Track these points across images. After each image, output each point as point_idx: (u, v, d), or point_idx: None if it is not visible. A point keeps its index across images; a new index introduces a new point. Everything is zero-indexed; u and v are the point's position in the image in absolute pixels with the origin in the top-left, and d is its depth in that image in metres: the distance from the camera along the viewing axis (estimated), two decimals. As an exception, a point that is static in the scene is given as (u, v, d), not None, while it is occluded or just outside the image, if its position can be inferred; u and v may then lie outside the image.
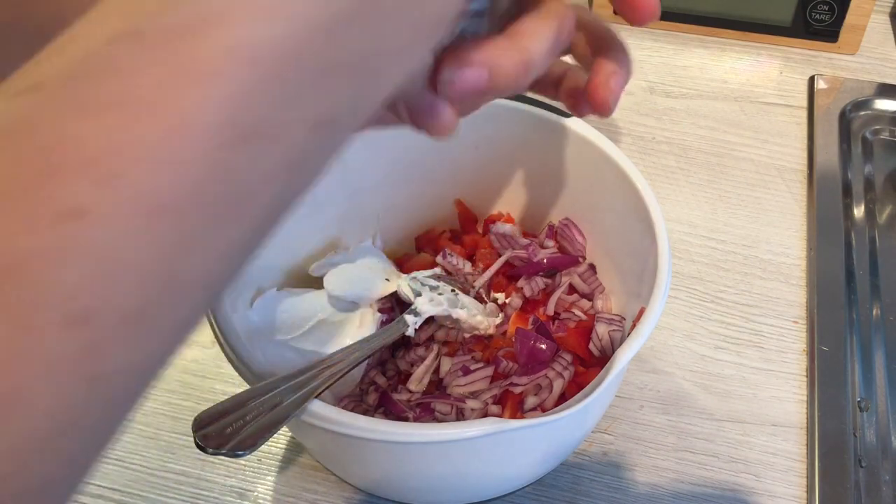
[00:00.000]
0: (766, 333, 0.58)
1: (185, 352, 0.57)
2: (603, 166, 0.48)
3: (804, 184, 0.68)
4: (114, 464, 0.52)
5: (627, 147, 0.71)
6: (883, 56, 0.80)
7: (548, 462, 0.47)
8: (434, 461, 0.41)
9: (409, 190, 0.56)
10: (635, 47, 0.79)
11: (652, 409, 0.54)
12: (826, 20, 0.77)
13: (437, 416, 0.46)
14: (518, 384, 0.46)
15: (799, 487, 0.50)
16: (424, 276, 0.52)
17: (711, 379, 0.55)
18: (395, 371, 0.51)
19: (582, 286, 0.53)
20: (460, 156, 0.55)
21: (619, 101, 0.31)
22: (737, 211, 0.66)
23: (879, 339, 0.58)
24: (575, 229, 0.54)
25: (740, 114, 0.74)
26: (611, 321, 0.48)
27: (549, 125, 0.50)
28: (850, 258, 0.62)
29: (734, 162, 0.70)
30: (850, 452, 0.51)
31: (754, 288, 0.61)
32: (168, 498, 0.50)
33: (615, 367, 0.38)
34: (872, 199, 0.67)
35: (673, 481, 0.51)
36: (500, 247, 0.55)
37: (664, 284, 0.41)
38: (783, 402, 0.54)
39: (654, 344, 0.57)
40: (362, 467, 0.46)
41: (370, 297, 0.51)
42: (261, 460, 0.52)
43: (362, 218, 0.56)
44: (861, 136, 0.72)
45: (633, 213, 0.46)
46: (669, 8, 0.80)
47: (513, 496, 0.50)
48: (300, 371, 0.39)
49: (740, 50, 0.80)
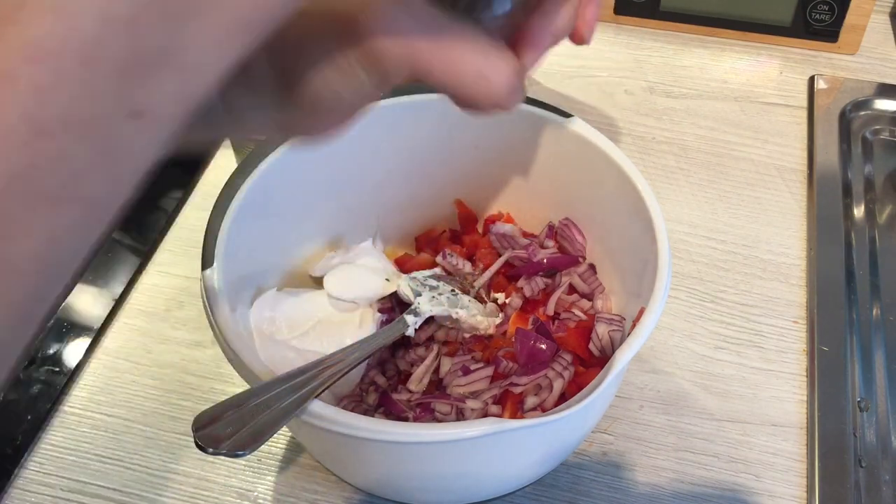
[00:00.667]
0: (766, 333, 0.58)
1: (185, 352, 0.57)
2: (603, 166, 0.48)
3: (804, 184, 0.68)
4: (114, 464, 0.52)
5: (627, 147, 0.71)
6: (883, 56, 0.80)
7: (548, 462, 0.47)
8: (434, 461, 0.41)
9: (409, 190, 0.56)
10: (635, 47, 0.80)
11: (652, 409, 0.54)
12: (826, 20, 0.77)
13: (437, 416, 0.46)
14: (518, 384, 0.46)
15: (799, 487, 0.50)
16: (424, 276, 0.52)
17: (711, 379, 0.55)
18: (395, 371, 0.51)
19: (582, 286, 0.53)
20: (460, 156, 0.55)
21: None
22: (737, 211, 0.66)
23: (879, 339, 0.58)
24: (575, 229, 0.54)
25: (740, 114, 0.74)
26: (611, 321, 0.48)
27: (549, 125, 0.50)
28: (850, 258, 0.62)
29: (734, 162, 0.70)
30: (850, 452, 0.51)
31: (754, 288, 0.61)
32: (168, 498, 0.50)
33: (615, 367, 0.38)
34: (872, 199, 0.67)
35: (673, 481, 0.51)
36: (500, 247, 0.55)
37: (664, 284, 0.41)
38: (783, 402, 0.54)
39: (654, 344, 0.57)
40: (362, 467, 0.46)
41: (370, 298, 0.51)
42: (261, 460, 0.52)
43: (362, 218, 0.56)
44: (861, 136, 0.72)
45: (633, 213, 0.46)
46: (669, 8, 0.80)
47: (513, 496, 0.50)
48: (300, 371, 0.39)
49: (740, 50, 0.80)
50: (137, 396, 0.55)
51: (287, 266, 0.52)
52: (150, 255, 0.63)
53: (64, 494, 0.50)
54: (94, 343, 0.58)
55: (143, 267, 0.63)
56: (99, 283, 0.61)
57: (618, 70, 0.78)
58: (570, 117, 0.50)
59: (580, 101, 0.75)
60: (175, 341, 0.58)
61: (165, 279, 0.62)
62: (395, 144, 0.53)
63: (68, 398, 0.55)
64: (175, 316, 0.60)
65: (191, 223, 0.66)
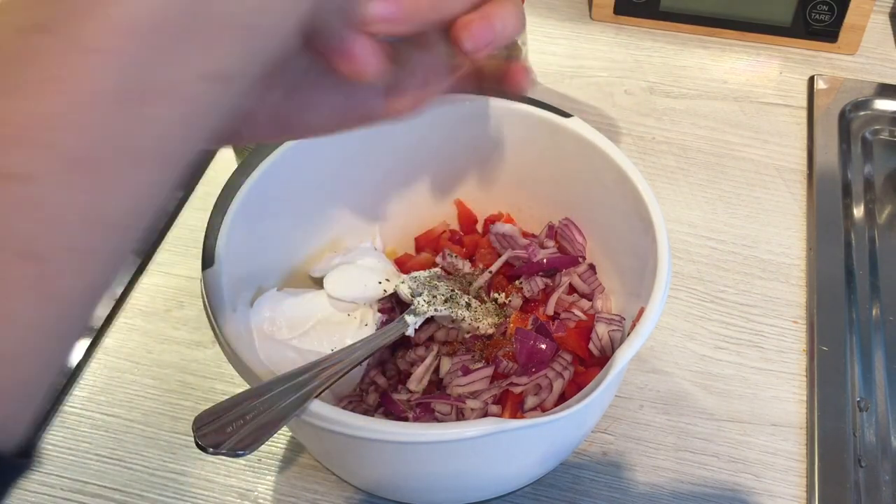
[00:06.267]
0: (766, 333, 0.58)
1: (185, 352, 0.57)
2: (603, 166, 0.48)
3: (804, 184, 0.68)
4: (114, 464, 0.52)
5: (627, 147, 0.71)
6: (883, 56, 0.80)
7: (548, 462, 0.47)
8: (434, 461, 0.42)
9: (409, 190, 0.56)
10: (635, 47, 0.80)
11: (652, 409, 0.54)
12: (826, 20, 0.77)
13: (437, 416, 0.46)
14: (518, 384, 0.46)
15: (799, 487, 0.50)
16: (424, 277, 0.52)
17: (711, 379, 0.55)
18: (395, 371, 0.51)
19: (582, 286, 0.53)
20: (460, 156, 0.55)
21: (480, 49, 0.29)
22: (737, 211, 0.66)
23: (879, 339, 0.58)
24: (575, 229, 0.54)
25: (740, 114, 0.74)
26: (611, 321, 0.48)
27: (549, 125, 0.50)
28: (849, 258, 0.62)
29: (734, 162, 0.70)
30: (850, 452, 0.51)
31: (754, 288, 0.61)
32: (168, 498, 0.50)
33: (615, 367, 0.38)
34: (872, 199, 0.67)
35: (673, 481, 0.51)
36: (500, 247, 0.55)
37: (664, 284, 0.41)
38: (783, 402, 0.54)
39: (654, 344, 0.57)
40: (362, 467, 0.46)
41: (370, 298, 0.51)
42: (261, 460, 0.52)
43: (362, 218, 0.56)
44: (861, 136, 0.72)
45: (633, 213, 0.46)
46: (669, 8, 0.80)
47: (513, 496, 0.50)
48: (300, 371, 0.39)
49: (740, 50, 0.80)
50: (137, 396, 0.55)
51: (287, 266, 0.52)
52: (150, 255, 0.63)
53: (64, 494, 0.50)
54: (94, 343, 0.58)
55: (143, 267, 0.63)
56: (99, 283, 0.61)
57: (618, 70, 0.78)
58: (570, 117, 0.50)
59: (580, 101, 0.75)
60: (175, 341, 0.58)
61: (165, 279, 0.62)
62: (395, 144, 0.53)
63: (68, 398, 0.55)
64: (175, 316, 0.60)
65: (191, 223, 0.66)
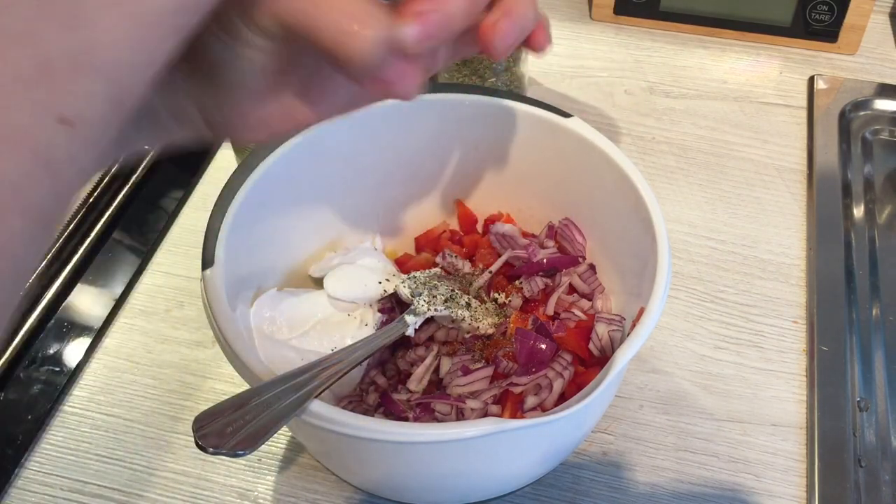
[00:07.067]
0: (765, 333, 0.58)
1: (185, 352, 0.57)
2: (603, 166, 0.48)
3: (804, 184, 0.68)
4: (114, 464, 0.52)
5: (627, 147, 0.71)
6: (883, 56, 0.80)
7: (548, 462, 0.47)
8: (434, 461, 0.42)
9: (409, 190, 0.56)
10: (635, 47, 0.80)
11: (652, 409, 0.54)
12: (826, 20, 0.77)
13: (437, 416, 0.46)
14: (518, 384, 0.46)
15: (799, 487, 0.50)
16: (424, 276, 0.52)
17: (711, 379, 0.55)
18: (395, 371, 0.51)
19: (582, 286, 0.53)
20: (460, 156, 0.55)
21: (511, 46, 0.29)
22: (736, 211, 0.66)
23: (879, 339, 0.58)
24: (575, 229, 0.54)
25: (740, 114, 0.74)
26: (611, 321, 0.48)
27: (549, 125, 0.50)
28: (849, 258, 0.62)
29: (734, 162, 0.70)
30: (850, 452, 0.51)
31: (754, 288, 0.61)
32: (168, 498, 0.50)
33: (615, 367, 0.38)
34: (872, 199, 0.67)
35: (673, 481, 0.51)
36: (500, 247, 0.55)
37: (664, 284, 0.41)
38: (783, 402, 0.54)
39: (654, 344, 0.57)
40: (362, 467, 0.46)
41: (370, 298, 0.51)
42: (261, 460, 0.52)
43: (362, 218, 0.56)
44: (861, 136, 0.72)
45: (633, 213, 0.46)
46: (669, 8, 0.80)
47: (513, 496, 0.50)
48: (300, 371, 0.39)
49: (740, 50, 0.80)
50: (137, 396, 0.55)
51: (287, 266, 0.52)
52: (150, 255, 0.63)
53: (64, 494, 0.50)
54: (94, 343, 0.58)
55: (143, 267, 0.63)
56: (99, 283, 0.61)
57: (618, 70, 0.78)
58: (570, 117, 0.50)
59: (580, 101, 0.75)
60: (175, 341, 0.58)
61: (165, 279, 0.62)
62: (395, 144, 0.53)
63: (68, 398, 0.55)
64: (175, 316, 0.60)
65: (191, 223, 0.66)
